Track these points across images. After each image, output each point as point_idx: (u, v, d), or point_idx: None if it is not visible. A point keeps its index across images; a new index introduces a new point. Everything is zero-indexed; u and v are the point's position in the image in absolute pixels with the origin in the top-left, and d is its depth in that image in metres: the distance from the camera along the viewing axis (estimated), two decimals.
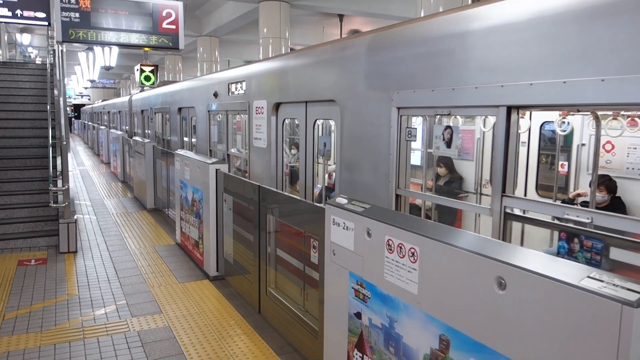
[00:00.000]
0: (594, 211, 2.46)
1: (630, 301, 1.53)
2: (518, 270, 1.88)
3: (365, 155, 3.93)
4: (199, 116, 8.26)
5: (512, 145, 2.76)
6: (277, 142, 5.56)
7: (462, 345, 2.18)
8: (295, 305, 4.27)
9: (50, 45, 11.94)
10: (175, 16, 7.52)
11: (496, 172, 2.84)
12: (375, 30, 3.96)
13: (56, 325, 4.64)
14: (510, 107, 2.69)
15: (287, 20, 13.57)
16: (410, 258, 2.47)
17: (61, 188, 7.26)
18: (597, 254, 2.65)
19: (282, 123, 5.53)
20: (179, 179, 7.09)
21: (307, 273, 4.09)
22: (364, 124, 3.92)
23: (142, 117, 13.70)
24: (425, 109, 3.32)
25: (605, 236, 2.64)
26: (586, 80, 2.27)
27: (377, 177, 3.77)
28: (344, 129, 4.19)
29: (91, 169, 17.34)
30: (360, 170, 3.99)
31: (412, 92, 3.37)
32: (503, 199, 2.79)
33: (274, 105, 5.50)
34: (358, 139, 4.01)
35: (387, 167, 3.65)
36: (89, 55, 24.99)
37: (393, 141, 3.58)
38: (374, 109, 3.77)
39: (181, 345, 4.23)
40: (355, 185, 4.07)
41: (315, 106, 4.84)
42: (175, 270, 6.24)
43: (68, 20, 6.86)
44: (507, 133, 2.75)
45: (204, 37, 19.56)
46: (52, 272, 6.15)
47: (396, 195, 3.63)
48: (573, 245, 2.73)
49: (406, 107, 3.47)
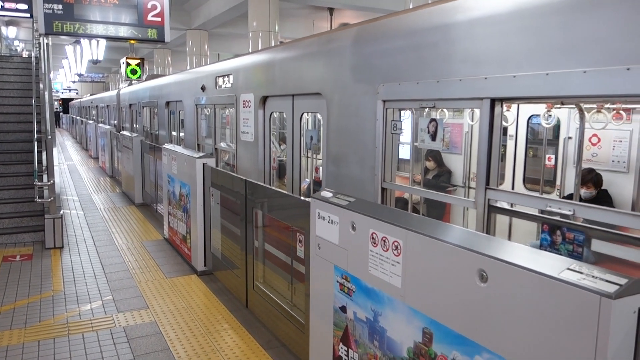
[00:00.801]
0: (576, 203, 2.46)
1: (608, 293, 1.52)
2: (499, 262, 1.88)
3: (351, 148, 3.92)
4: (186, 110, 8.20)
5: (496, 137, 2.75)
6: (265, 136, 5.53)
7: (445, 338, 2.18)
8: (283, 300, 4.26)
9: (35, 38, 11.77)
10: (161, 8, 7.41)
11: (480, 165, 2.83)
12: (361, 23, 3.93)
13: (40, 321, 4.59)
14: (494, 100, 2.68)
15: (276, 13, 13.47)
16: (394, 251, 2.47)
17: (46, 183, 7.18)
18: (579, 246, 2.67)
19: (270, 117, 5.49)
20: (167, 174, 7.04)
21: (294, 267, 4.07)
22: (350, 117, 3.90)
23: (130, 111, 13.59)
24: (411, 101, 3.31)
25: (586, 228, 2.66)
26: (568, 72, 2.26)
27: (363, 171, 3.77)
28: (330, 122, 4.18)
29: (79, 164, 17.17)
30: (347, 163, 3.99)
31: (398, 85, 3.35)
32: (487, 192, 2.79)
33: (261, 99, 5.47)
34: (344, 132, 4.00)
35: (373, 160, 3.64)
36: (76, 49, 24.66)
37: (379, 134, 3.57)
38: (360, 102, 3.76)
39: (167, 341, 4.20)
40: (342, 179, 4.06)
41: (302, 99, 4.81)
42: (162, 266, 6.20)
43: (51, 12, 6.73)
44: (490, 125, 2.74)
45: (193, 31, 19.38)
46: (38, 268, 6.08)
47: (382, 188, 3.62)
48: (555, 238, 2.75)
49: (392, 100, 3.46)
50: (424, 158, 5.44)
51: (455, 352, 2.12)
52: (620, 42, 2.08)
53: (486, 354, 1.96)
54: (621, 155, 4.51)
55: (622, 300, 1.53)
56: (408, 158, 5.11)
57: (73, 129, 32.27)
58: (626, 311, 1.55)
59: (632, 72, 2.02)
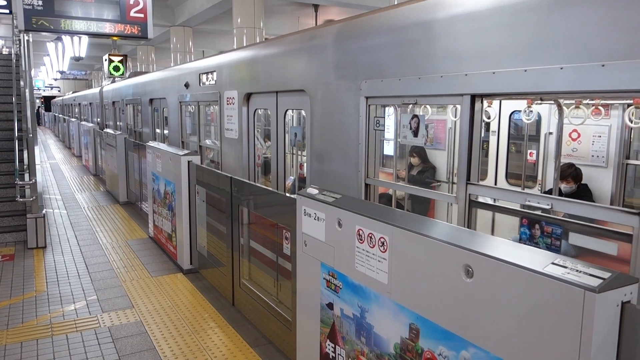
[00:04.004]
0: (553, 197, 2.50)
1: (592, 287, 1.54)
2: (484, 257, 1.89)
3: (335, 145, 3.92)
4: (170, 107, 8.13)
5: (476, 133, 2.78)
6: (249, 133, 5.51)
7: (432, 334, 2.18)
8: (269, 297, 4.24)
9: (15, 35, 11.55)
10: (144, 4, 7.31)
11: (461, 161, 2.85)
12: (343, 20, 3.94)
13: (23, 322, 4.52)
14: (474, 96, 2.71)
15: (261, 10, 13.39)
16: (380, 248, 2.46)
17: (28, 182, 7.06)
18: (556, 239, 2.74)
19: (254, 113, 5.46)
20: (151, 172, 6.97)
21: (281, 264, 4.06)
22: (334, 114, 3.91)
23: (114, 108, 13.44)
24: (393, 98, 3.32)
25: (563, 221, 2.75)
26: (546, 69, 2.28)
27: (347, 167, 3.78)
28: (314, 118, 4.17)
29: (62, 163, 16.93)
30: (331, 160, 3.99)
31: (380, 82, 3.36)
32: (468, 187, 2.82)
33: (245, 96, 5.45)
34: (328, 129, 4.01)
35: (357, 156, 3.65)
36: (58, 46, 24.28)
37: (362, 131, 3.58)
38: (343, 99, 3.76)
39: (153, 340, 4.16)
40: (326, 175, 4.06)
41: (285, 96, 4.80)
42: (147, 264, 6.14)
43: (30, 7, 6.60)
44: (471, 121, 2.76)
45: (177, 27, 19.19)
46: (20, 268, 5.98)
47: (365, 184, 3.64)
48: (534, 232, 2.82)
49: (374, 97, 3.47)
50: (408, 154, 5.47)
51: (441, 347, 2.13)
52: (595, 39, 2.11)
53: (472, 348, 1.97)
54: (600, 150, 4.58)
55: (606, 294, 1.54)
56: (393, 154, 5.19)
57: (56, 127, 31.80)
58: (610, 305, 1.57)
59: (606, 69, 2.05)
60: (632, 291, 1.61)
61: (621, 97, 3.08)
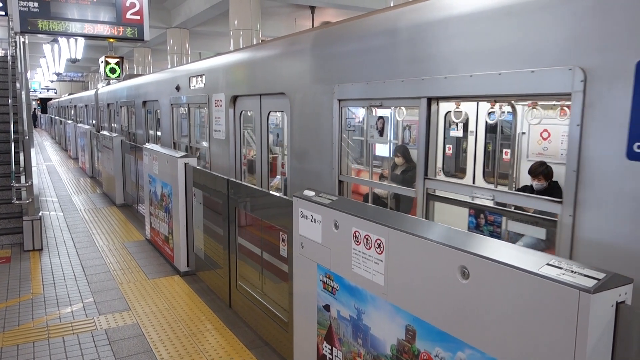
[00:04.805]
0: (494, 189, 2.79)
1: (587, 287, 1.55)
2: (480, 259, 1.89)
3: (312, 144, 4.15)
4: (162, 109, 8.32)
5: (432, 132, 3.03)
6: (236, 134, 5.71)
7: (428, 335, 2.19)
8: (266, 299, 4.24)
9: (11, 37, 11.52)
10: (140, 6, 7.32)
11: (419, 157, 3.08)
12: (319, 28, 4.18)
13: (19, 325, 4.50)
14: (430, 99, 2.96)
15: (258, 11, 13.41)
16: (377, 249, 2.47)
17: (24, 184, 7.04)
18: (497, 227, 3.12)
19: (240, 115, 5.65)
20: (148, 174, 6.96)
21: (277, 266, 4.06)
22: (311, 115, 4.13)
23: (109, 110, 13.56)
24: (362, 100, 3.57)
25: (503, 211, 3.11)
26: (487, 74, 2.52)
27: (322, 165, 4.01)
28: (293, 120, 4.38)
29: (58, 165, 16.89)
30: (308, 158, 4.22)
31: (351, 85, 3.60)
32: (425, 181, 3.06)
33: (232, 98, 5.64)
34: (306, 130, 4.23)
35: (331, 155, 3.88)
36: (54, 48, 24.24)
37: (335, 131, 3.81)
38: (319, 101, 3.98)
39: (150, 343, 4.15)
40: (304, 174, 4.29)
41: (268, 99, 5.02)
42: (144, 267, 6.13)
43: (26, 9, 6.60)
44: (427, 122, 3.01)
45: (173, 29, 19.19)
46: (16, 271, 5.96)
47: (339, 181, 3.86)
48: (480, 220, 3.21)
49: (346, 99, 3.71)
50: (392, 154, 5.78)
51: (438, 349, 2.14)
52: (526, 48, 2.35)
53: (468, 349, 1.97)
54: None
55: (601, 295, 1.55)
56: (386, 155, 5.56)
57: (52, 129, 31.71)
58: (604, 305, 1.58)
59: (535, 74, 2.29)
60: (626, 291, 1.62)
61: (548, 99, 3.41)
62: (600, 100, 2.05)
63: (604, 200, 2.06)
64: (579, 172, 2.15)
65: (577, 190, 2.16)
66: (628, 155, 1.96)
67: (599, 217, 2.08)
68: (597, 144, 2.08)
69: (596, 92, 2.06)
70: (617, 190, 2.00)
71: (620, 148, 1.98)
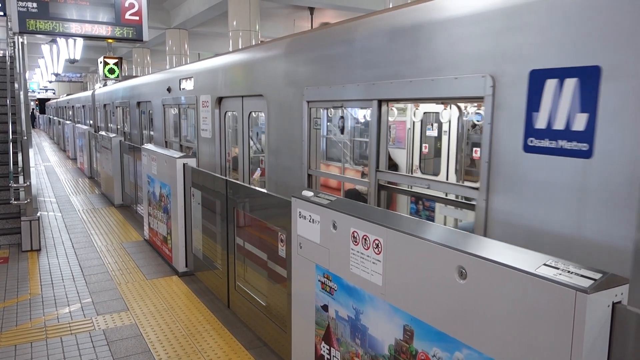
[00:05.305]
0: (429, 179, 3.24)
1: (583, 287, 1.56)
2: (478, 259, 1.90)
3: (286, 142, 4.53)
4: (155, 110, 8.63)
5: (383, 130, 3.41)
6: (221, 133, 6.06)
7: (426, 335, 2.19)
8: (264, 299, 4.24)
9: (9, 37, 11.51)
10: (139, 7, 7.32)
11: (371, 152, 3.43)
12: (292, 35, 4.59)
13: (17, 325, 4.50)
14: (380, 101, 3.33)
15: (257, 12, 13.41)
16: (375, 250, 2.48)
17: (22, 184, 7.04)
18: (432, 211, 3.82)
19: (224, 115, 5.98)
20: (147, 174, 6.96)
21: (276, 267, 4.07)
22: (285, 116, 4.51)
23: (105, 111, 13.81)
24: (326, 102, 3.95)
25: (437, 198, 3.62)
26: (423, 80, 2.93)
27: (294, 161, 4.38)
28: (270, 120, 4.75)
29: (57, 165, 16.87)
30: (283, 155, 4.59)
31: (317, 88, 3.96)
32: (377, 174, 3.42)
33: (217, 99, 5.99)
34: (280, 129, 4.61)
35: (301, 151, 4.25)
36: (52, 48, 24.22)
37: (305, 130, 4.18)
38: (291, 103, 4.36)
39: (148, 343, 4.16)
40: (280, 169, 4.67)
41: (249, 100, 5.38)
42: (143, 267, 6.13)
43: (25, 10, 6.59)
44: (378, 121, 3.37)
45: (172, 30, 19.17)
46: (14, 271, 5.96)
47: (308, 175, 4.24)
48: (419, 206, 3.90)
49: (313, 101, 4.07)
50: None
51: (435, 349, 2.14)
52: (452, 58, 2.73)
53: (466, 349, 1.98)
54: None
55: (597, 295, 1.56)
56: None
57: (50, 130, 31.68)
58: (601, 305, 1.58)
59: (458, 80, 2.68)
60: (623, 292, 1.63)
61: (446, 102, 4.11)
62: (505, 103, 2.41)
63: (508, 186, 2.43)
64: (490, 163, 2.50)
65: (489, 178, 2.52)
66: (524, 148, 2.33)
67: (505, 201, 2.46)
68: (502, 140, 2.44)
69: (502, 95, 2.43)
70: (517, 178, 2.38)
71: (519, 143, 2.35)
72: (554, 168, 2.20)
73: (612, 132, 1.98)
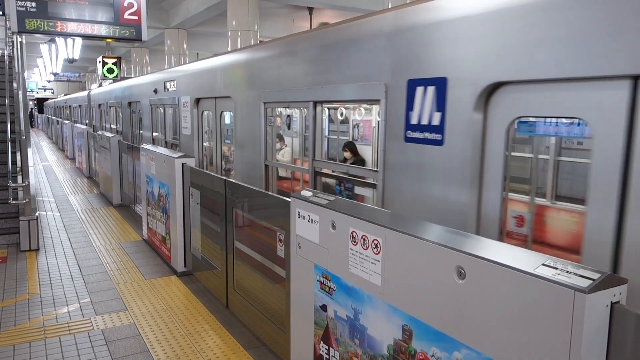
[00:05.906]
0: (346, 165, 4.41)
1: (582, 287, 1.56)
2: (476, 259, 1.90)
3: (248, 137, 5.19)
4: (144, 109, 9.37)
5: (318, 126, 4.16)
6: (199, 131, 6.75)
7: (424, 335, 2.20)
8: (263, 299, 4.24)
9: (8, 36, 11.49)
10: (138, 6, 7.31)
11: (310, 145, 4.16)
12: (253, 46, 5.43)
13: (16, 325, 4.49)
14: (315, 102, 4.06)
15: (256, 12, 13.40)
16: (374, 249, 2.48)
17: (21, 184, 7.02)
18: (350, 191, 4.86)
19: (201, 114, 6.66)
20: (145, 174, 6.95)
21: (274, 267, 4.06)
22: (247, 115, 5.17)
23: (100, 111, 14.24)
24: (278, 103, 4.75)
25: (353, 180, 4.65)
26: (332, 87, 3.75)
27: (255, 153, 5.06)
28: (236, 118, 5.43)
29: (55, 165, 16.85)
30: (246, 149, 5.26)
31: (270, 91, 4.67)
32: (313, 162, 4.16)
33: (195, 100, 6.66)
34: (244, 126, 5.27)
35: (260, 145, 4.93)
36: (51, 48, 24.15)
37: (262, 127, 4.88)
38: (252, 103, 5.04)
39: (147, 343, 4.15)
40: (244, 161, 5.32)
41: (221, 101, 6.06)
42: (141, 267, 6.13)
43: (24, 9, 6.57)
44: (314, 119, 4.10)
45: (171, 30, 19.16)
46: (12, 271, 5.95)
47: (265, 165, 4.91)
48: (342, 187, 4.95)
49: (268, 102, 4.77)
50: (342, 149, 6.88)
51: (434, 349, 2.15)
52: (361, 71, 3.43)
53: (465, 349, 1.98)
54: None
55: (596, 295, 1.56)
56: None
57: (49, 129, 31.64)
58: (599, 305, 1.59)
59: (365, 86, 3.39)
60: (621, 292, 1.63)
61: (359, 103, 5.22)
62: (393, 104, 3.13)
63: (395, 168, 3.15)
64: (385, 151, 3.21)
65: (385, 163, 3.22)
66: (405, 139, 3.04)
67: (393, 179, 3.17)
68: (392, 133, 3.15)
69: (391, 99, 3.15)
70: (400, 162, 3.10)
71: (402, 135, 3.06)
72: (422, 154, 2.91)
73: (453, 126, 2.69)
